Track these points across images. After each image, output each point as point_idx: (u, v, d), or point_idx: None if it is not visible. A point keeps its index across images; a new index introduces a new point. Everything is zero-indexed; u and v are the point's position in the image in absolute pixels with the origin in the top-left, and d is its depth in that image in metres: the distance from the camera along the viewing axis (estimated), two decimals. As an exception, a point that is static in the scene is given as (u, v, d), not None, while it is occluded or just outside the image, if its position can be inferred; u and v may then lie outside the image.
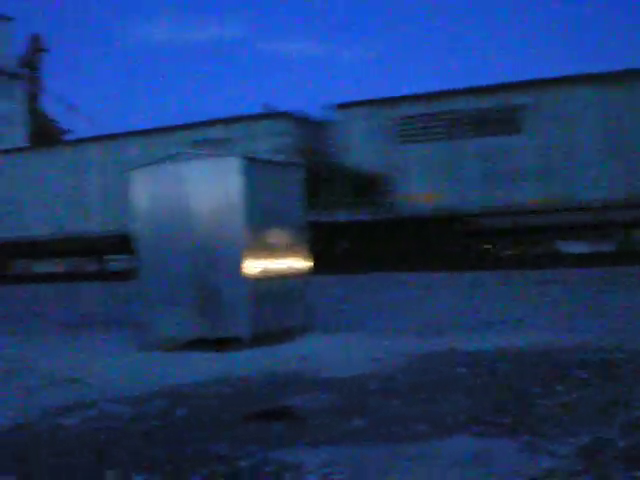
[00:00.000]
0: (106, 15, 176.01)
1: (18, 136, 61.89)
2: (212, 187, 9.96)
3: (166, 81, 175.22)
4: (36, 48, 75.42)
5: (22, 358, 10.16)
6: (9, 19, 64.63)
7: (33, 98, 72.35)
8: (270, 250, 10.30)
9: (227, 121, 28.56)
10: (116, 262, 39.20)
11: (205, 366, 8.82)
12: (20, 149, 37.59)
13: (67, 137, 67.76)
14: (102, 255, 35.64)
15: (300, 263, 10.97)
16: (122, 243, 25.95)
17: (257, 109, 30.01)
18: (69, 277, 32.14)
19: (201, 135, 28.09)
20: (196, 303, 9.99)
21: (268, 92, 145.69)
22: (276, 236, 10.46)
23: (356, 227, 26.50)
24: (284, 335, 10.45)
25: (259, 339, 9.92)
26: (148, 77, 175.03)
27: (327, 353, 9.43)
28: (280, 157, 22.77)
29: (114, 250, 31.80)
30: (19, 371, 9.22)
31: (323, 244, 24.29)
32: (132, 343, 10.80)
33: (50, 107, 77.89)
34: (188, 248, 10.06)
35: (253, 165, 10.31)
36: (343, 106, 27.09)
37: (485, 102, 25.69)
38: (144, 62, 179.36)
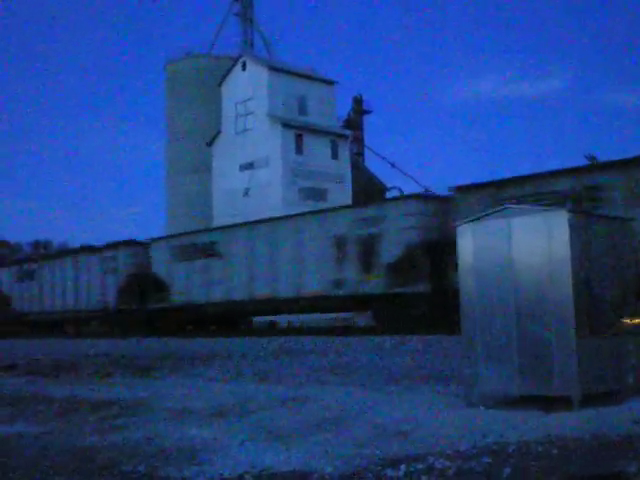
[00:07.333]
0: (426, 74, 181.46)
1: (344, 192, 64.99)
2: (539, 241, 9.75)
3: (488, 137, 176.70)
4: (358, 109, 79.13)
5: (348, 407, 10.49)
6: (332, 83, 68.54)
7: (357, 157, 75.81)
8: (601, 307, 9.88)
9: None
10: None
11: (531, 425, 8.55)
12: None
13: (390, 194, 70.09)
14: None
15: (634, 320, 10.40)
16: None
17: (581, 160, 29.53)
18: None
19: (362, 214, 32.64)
20: (523, 360, 9.76)
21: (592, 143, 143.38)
22: (607, 292, 10.02)
23: None
24: (614, 396, 9.92)
25: (587, 399, 9.48)
26: (472, 133, 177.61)
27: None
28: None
29: None
30: (349, 420, 9.49)
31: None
32: (456, 398, 10.78)
33: (374, 165, 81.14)
34: (514, 303, 9.88)
35: (581, 219, 10.01)
36: (460, 188, 27.72)
37: None
38: (463, 119, 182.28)
